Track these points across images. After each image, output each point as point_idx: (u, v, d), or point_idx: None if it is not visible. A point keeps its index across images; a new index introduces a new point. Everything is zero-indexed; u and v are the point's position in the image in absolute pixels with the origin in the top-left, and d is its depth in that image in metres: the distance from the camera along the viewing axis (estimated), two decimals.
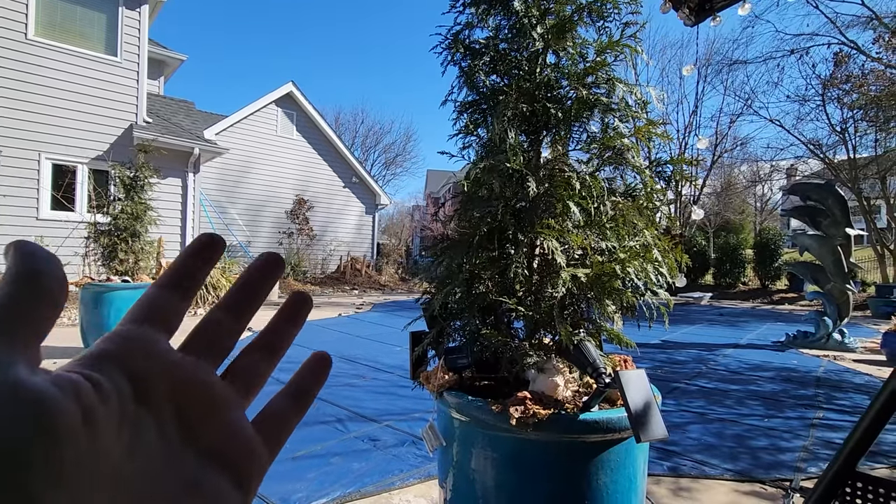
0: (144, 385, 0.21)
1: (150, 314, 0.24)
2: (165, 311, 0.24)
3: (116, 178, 5.15)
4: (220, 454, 0.23)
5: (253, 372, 0.27)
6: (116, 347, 0.21)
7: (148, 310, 0.24)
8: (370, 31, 76.81)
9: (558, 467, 1.29)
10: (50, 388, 0.17)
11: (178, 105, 12.48)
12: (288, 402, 0.28)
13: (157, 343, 0.23)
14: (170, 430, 0.21)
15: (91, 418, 0.17)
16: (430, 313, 1.62)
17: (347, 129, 33.12)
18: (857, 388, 4.45)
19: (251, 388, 0.27)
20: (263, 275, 0.28)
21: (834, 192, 6.52)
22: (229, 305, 0.27)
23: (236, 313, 0.27)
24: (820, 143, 15.10)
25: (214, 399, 0.24)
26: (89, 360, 0.20)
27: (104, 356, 0.21)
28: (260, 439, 0.25)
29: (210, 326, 0.26)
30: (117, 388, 0.20)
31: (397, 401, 3.61)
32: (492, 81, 1.58)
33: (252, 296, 0.28)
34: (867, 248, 16.15)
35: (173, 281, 0.25)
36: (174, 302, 0.25)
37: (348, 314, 8.42)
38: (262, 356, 0.28)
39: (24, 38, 8.11)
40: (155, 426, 0.21)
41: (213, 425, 0.23)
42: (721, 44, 19.99)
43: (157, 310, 0.24)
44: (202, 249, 0.26)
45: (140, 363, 0.21)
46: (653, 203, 1.59)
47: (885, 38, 11.78)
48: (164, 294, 0.25)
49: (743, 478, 2.53)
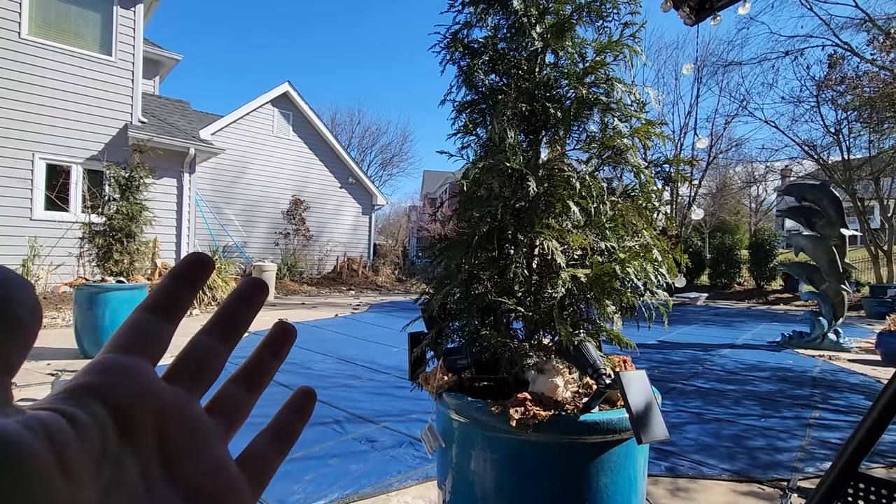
0: (128, 419, 0.20)
1: (135, 341, 0.23)
2: (150, 337, 0.23)
3: (111, 179, 5.11)
4: (204, 494, 0.22)
5: (235, 406, 0.26)
6: (98, 379, 0.20)
7: (132, 336, 0.23)
8: (367, 29, 76.76)
9: (559, 469, 1.29)
10: (20, 432, 0.16)
11: (173, 105, 12.42)
12: (271, 441, 0.28)
13: (142, 373, 0.22)
14: (153, 469, 0.20)
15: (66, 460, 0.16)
16: (429, 314, 1.61)
17: (344, 129, 33.09)
18: (852, 388, 4.47)
19: (234, 423, 0.26)
20: (248, 303, 0.27)
21: (829, 192, 6.56)
22: (214, 331, 0.26)
23: (222, 338, 0.26)
24: (814, 144, 15.20)
25: (199, 434, 0.23)
26: (69, 394, 0.19)
27: (85, 389, 0.20)
28: (244, 478, 0.24)
29: (194, 353, 0.25)
30: (98, 422, 0.19)
31: (395, 402, 3.60)
32: (491, 81, 1.57)
33: (236, 323, 0.27)
34: (861, 249, 16.25)
35: (159, 304, 0.24)
36: (160, 327, 0.24)
37: (345, 315, 8.40)
38: (245, 390, 0.27)
39: (18, 38, 8.05)
40: (137, 464, 0.20)
41: (198, 462, 0.22)
42: (716, 45, 20.12)
43: (142, 336, 0.23)
44: (188, 270, 0.25)
45: (123, 395, 0.20)
46: (652, 203, 1.58)
47: (879, 39, 11.86)
48: (148, 318, 0.24)
49: (740, 478, 2.53)
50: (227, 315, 0.27)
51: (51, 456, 0.16)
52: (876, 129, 13.60)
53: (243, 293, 0.27)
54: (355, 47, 75.44)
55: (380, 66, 76.63)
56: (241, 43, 72.20)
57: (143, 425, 0.20)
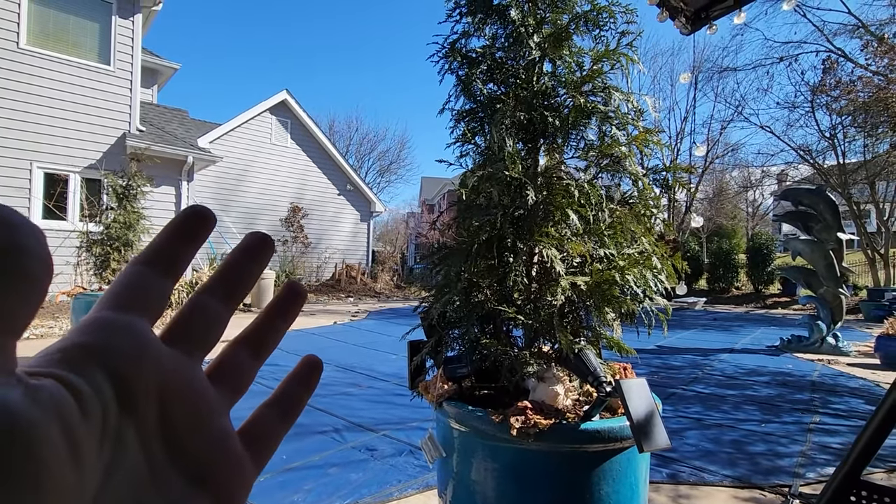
0: (129, 389, 0.18)
1: (133, 297, 0.20)
2: (149, 294, 0.20)
3: (108, 187, 5.11)
4: (206, 469, 0.20)
5: (239, 372, 0.24)
6: (96, 339, 0.18)
7: (130, 292, 0.20)
8: (365, 33, 77.17)
9: (560, 477, 1.28)
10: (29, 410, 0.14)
11: (171, 113, 12.45)
12: (275, 412, 0.25)
13: (142, 334, 0.19)
14: (155, 446, 0.18)
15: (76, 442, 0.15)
16: (429, 322, 1.61)
17: (342, 136, 33.19)
18: (852, 392, 4.46)
19: (237, 391, 0.24)
20: (251, 256, 0.25)
21: (825, 197, 6.59)
22: (215, 288, 0.24)
23: (224, 298, 0.24)
24: (810, 148, 15.30)
25: (203, 404, 0.21)
26: (64, 356, 0.17)
27: (83, 351, 0.17)
28: (247, 454, 0.22)
29: (195, 313, 0.23)
30: (99, 394, 0.17)
31: (394, 409, 3.58)
32: (489, 90, 1.58)
33: (240, 278, 0.24)
34: (858, 252, 16.32)
35: (158, 257, 0.21)
36: (159, 282, 0.21)
37: (344, 322, 8.38)
38: (249, 353, 0.25)
39: (17, 47, 8.07)
40: (138, 441, 0.18)
41: (202, 438, 0.20)
42: (711, 51, 20.29)
43: (141, 291, 0.20)
44: (188, 222, 0.22)
45: (126, 361, 0.18)
46: (650, 210, 1.59)
47: (872, 45, 11.97)
48: (147, 272, 0.21)
49: (742, 484, 2.52)
50: (230, 270, 0.24)
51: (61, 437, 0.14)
52: (870, 133, 13.70)
53: (249, 246, 0.25)
54: (353, 48, 75.87)
55: (377, 72, 77.00)
56: (240, 51, 72.57)
57: (145, 396, 0.18)
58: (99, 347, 0.18)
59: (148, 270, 0.21)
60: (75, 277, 5.44)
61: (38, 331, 6.20)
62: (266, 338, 0.26)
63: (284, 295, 0.27)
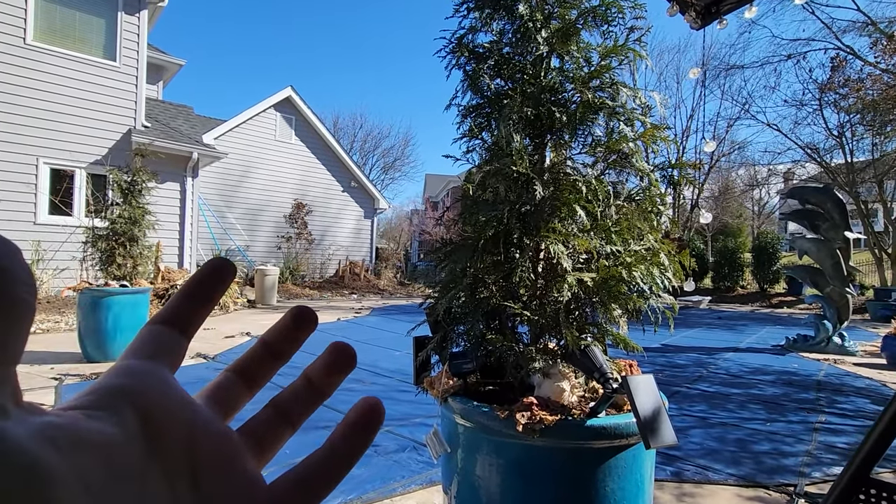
0: (156, 427, 0.18)
1: (155, 349, 0.21)
2: (170, 348, 0.22)
3: (113, 183, 5.13)
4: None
5: (269, 436, 0.24)
6: (127, 381, 0.19)
7: (151, 345, 0.22)
8: (369, 27, 77.07)
9: (565, 474, 1.28)
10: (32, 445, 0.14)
11: (176, 110, 12.48)
12: (328, 457, 0.24)
13: (169, 379, 0.20)
14: (180, 484, 0.19)
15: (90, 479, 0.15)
16: (434, 318, 1.61)
17: (346, 133, 33.20)
18: (857, 392, 4.44)
19: (264, 454, 0.24)
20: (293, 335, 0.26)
21: (832, 195, 6.54)
22: (243, 370, 0.25)
23: (249, 380, 0.25)
24: (817, 147, 15.19)
25: (229, 447, 0.21)
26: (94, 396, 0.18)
27: (113, 391, 0.18)
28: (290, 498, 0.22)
29: (222, 385, 0.24)
30: (126, 431, 0.17)
31: (397, 406, 3.59)
32: (496, 85, 1.57)
33: (273, 359, 0.25)
34: (865, 252, 16.21)
35: (174, 317, 0.23)
36: (176, 339, 0.23)
37: (347, 318, 8.40)
38: (279, 422, 0.25)
39: (23, 43, 8.11)
40: (164, 479, 0.18)
41: (228, 480, 0.20)
42: (718, 48, 20.14)
43: (161, 346, 0.22)
44: (206, 281, 0.24)
45: (156, 402, 0.19)
46: (657, 207, 1.58)
47: (881, 42, 11.86)
48: (163, 331, 0.23)
49: (746, 483, 2.52)
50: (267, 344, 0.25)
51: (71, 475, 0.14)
52: (879, 131, 13.58)
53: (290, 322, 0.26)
54: (356, 46, 75.78)
55: (381, 69, 76.91)
56: (245, 47, 72.66)
57: (173, 436, 0.19)
58: (129, 387, 0.19)
59: (165, 329, 0.23)
60: (81, 273, 5.47)
61: (45, 325, 6.25)
62: (298, 411, 0.25)
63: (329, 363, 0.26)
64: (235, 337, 6.21)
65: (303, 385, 0.26)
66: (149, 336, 0.22)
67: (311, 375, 0.26)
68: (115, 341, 4.57)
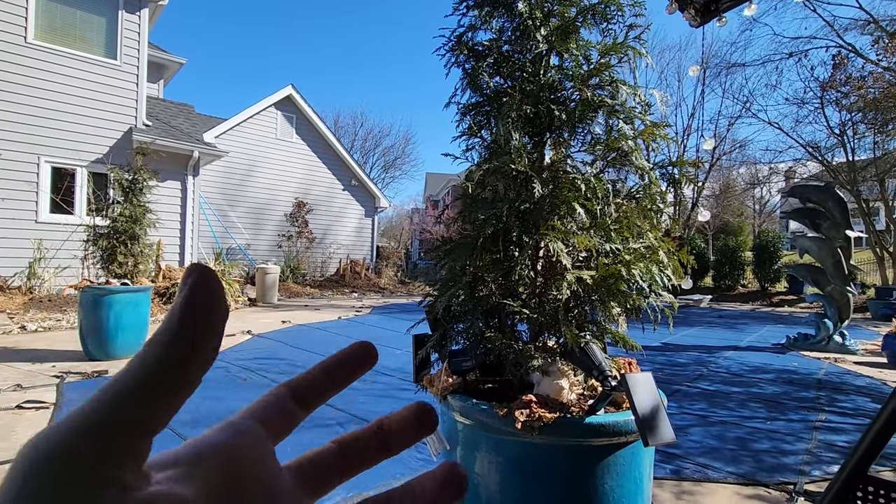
0: (240, 493, 0.19)
1: (271, 415, 0.22)
2: (285, 417, 0.22)
3: (114, 181, 5.14)
4: None
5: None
6: (230, 439, 0.19)
7: (270, 410, 0.22)
8: (369, 27, 77.02)
9: (564, 471, 1.28)
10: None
11: (177, 108, 12.49)
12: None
13: (268, 447, 0.21)
14: None
15: None
16: (433, 316, 1.61)
17: (346, 131, 33.19)
18: (858, 391, 4.44)
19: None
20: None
21: (834, 194, 6.53)
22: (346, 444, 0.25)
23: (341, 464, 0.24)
24: (818, 145, 15.16)
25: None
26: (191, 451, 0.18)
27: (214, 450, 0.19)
28: None
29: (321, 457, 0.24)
30: (206, 486, 0.18)
31: (398, 404, 3.56)
32: (495, 83, 1.57)
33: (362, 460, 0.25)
34: (866, 251, 16.18)
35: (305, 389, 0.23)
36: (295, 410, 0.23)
37: (348, 317, 8.41)
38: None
39: (24, 42, 8.11)
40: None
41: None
42: (719, 47, 20.10)
43: (279, 413, 0.22)
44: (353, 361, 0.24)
45: (245, 466, 0.19)
46: (656, 205, 1.58)
47: (883, 40, 11.83)
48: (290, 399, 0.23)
49: (746, 481, 2.52)
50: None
51: None
52: (881, 130, 13.55)
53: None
54: (356, 48, 75.73)
55: (381, 70, 76.84)
56: (246, 46, 72.63)
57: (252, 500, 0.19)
58: (227, 445, 0.19)
59: (289, 397, 0.23)
60: (82, 271, 5.48)
61: (46, 324, 6.27)
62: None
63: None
64: (237, 335, 6.22)
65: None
66: (270, 399, 0.22)
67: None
68: (117, 339, 4.58)
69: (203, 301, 0.17)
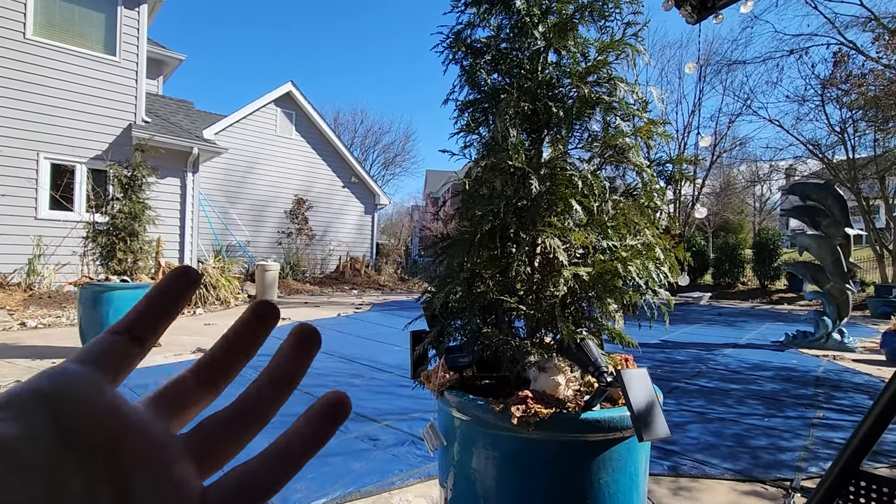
0: (72, 431, 0.19)
1: (102, 357, 0.22)
2: (119, 357, 0.22)
3: (113, 178, 5.14)
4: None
5: (222, 438, 0.24)
6: (48, 384, 0.19)
7: (101, 352, 0.22)
8: (367, 28, 76.82)
9: (560, 466, 1.29)
10: None
11: (177, 105, 12.47)
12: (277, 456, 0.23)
13: (104, 388, 0.21)
14: (101, 490, 0.19)
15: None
16: (431, 312, 1.61)
17: (346, 128, 33.15)
18: (856, 388, 4.45)
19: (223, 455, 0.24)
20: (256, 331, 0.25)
21: (833, 192, 6.53)
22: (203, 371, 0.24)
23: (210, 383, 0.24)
24: (819, 143, 15.14)
25: (165, 456, 0.21)
26: (7, 398, 0.18)
27: (29, 393, 0.19)
28: None
29: (177, 387, 0.24)
30: (31, 432, 0.18)
31: (396, 400, 3.60)
32: (493, 80, 1.57)
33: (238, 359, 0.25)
34: (866, 248, 16.19)
35: (136, 325, 0.23)
36: (131, 348, 0.23)
37: (347, 314, 8.42)
38: (237, 425, 0.24)
39: (23, 38, 8.10)
40: (79, 482, 0.18)
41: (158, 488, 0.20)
42: (720, 44, 20.06)
43: (111, 353, 0.22)
44: (170, 288, 0.24)
45: (73, 405, 0.19)
46: (654, 203, 1.58)
47: (884, 38, 11.80)
48: (121, 339, 0.23)
49: (743, 477, 2.53)
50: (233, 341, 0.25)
51: None
52: (881, 127, 13.53)
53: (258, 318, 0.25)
54: (356, 48, 75.55)
55: (380, 71, 76.65)
56: (246, 42, 72.43)
57: (89, 440, 0.19)
58: (44, 390, 0.19)
59: (120, 338, 0.23)
60: (82, 267, 5.49)
61: (46, 320, 6.28)
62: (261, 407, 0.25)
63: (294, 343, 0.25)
64: None
65: (267, 379, 0.25)
66: (99, 343, 0.23)
67: (274, 367, 0.25)
68: None
69: None
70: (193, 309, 7.96)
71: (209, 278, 8.55)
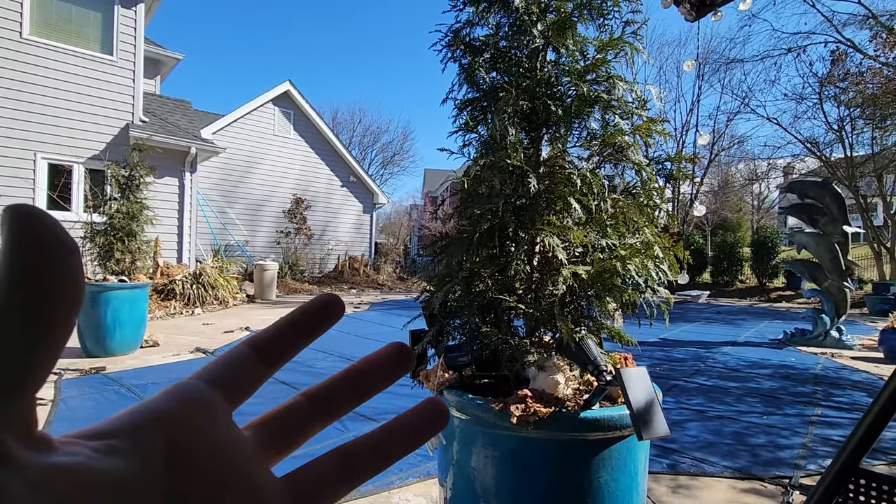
0: (187, 467, 0.18)
1: (228, 374, 0.21)
2: (244, 376, 0.21)
3: (111, 178, 5.12)
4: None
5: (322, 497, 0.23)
6: (169, 406, 0.18)
7: (228, 369, 0.21)
8: (366, 27, 76.69)
9: (559, 465, 1.29)
10: None
11: (174, 104, 12.43)
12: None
13: (221, 411, 0.20)
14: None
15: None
16: (430, 312, 1.61)
17: (345, 128, 33.09)
18: (854, 385, 4.46)
19: None
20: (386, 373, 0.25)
21: (831, 189, 6.54)
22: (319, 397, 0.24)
23: (323, 411, 0.24)
24: (817, 141, 15.16)
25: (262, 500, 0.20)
26: (129, 418, 0.17)
27: (150, 415, 0.18)
28: None
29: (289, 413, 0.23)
30: (146, 468, 0.16)
31: (395, 400, 3.60)
32: (492, 78, 1.57)
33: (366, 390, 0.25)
34: (864, 246, 16.21)
35: (267, 346, 0.22)
36: (258, 368, 0.22)
37: (346, 313, 8.36)
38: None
39: (19, 37, 8.06)
40: None
41: None
42: (718, 42, 20.06)
43: (238, 371, 0.21)
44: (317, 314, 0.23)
45: (193, 436, 0.18)
46: (653, 201, 1.58)
47: (881, 36, 11.81)
48: (251, 356, 0.22)
49: (742, 475, 2.53)
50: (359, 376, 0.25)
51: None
52: (879, 125, 13.55)
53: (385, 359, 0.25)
54: (355, 48, 75.42)
55: (380, 70, 76.53)
56: (243, 41, 72.30)
57: (201, 479, 0.18)
58: (164, 414, 0.18)
59: (251, 354, 0.22)
60: None
61: None
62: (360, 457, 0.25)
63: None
64: (235, 332, 6.22)
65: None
66: (232, 359, 0.21)
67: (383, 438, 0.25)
68: (114, 336, 4.58)
69: None
70: (192, 309, 7.94)
71: (207, 278, 8.54)
